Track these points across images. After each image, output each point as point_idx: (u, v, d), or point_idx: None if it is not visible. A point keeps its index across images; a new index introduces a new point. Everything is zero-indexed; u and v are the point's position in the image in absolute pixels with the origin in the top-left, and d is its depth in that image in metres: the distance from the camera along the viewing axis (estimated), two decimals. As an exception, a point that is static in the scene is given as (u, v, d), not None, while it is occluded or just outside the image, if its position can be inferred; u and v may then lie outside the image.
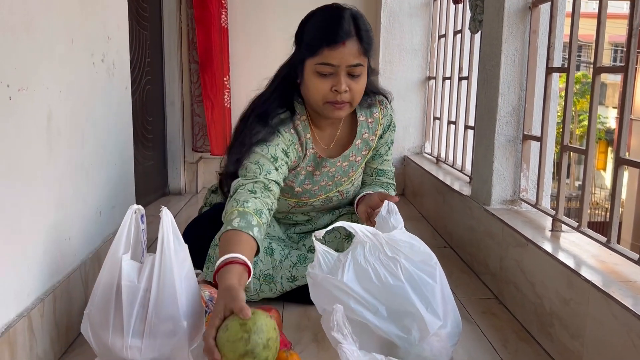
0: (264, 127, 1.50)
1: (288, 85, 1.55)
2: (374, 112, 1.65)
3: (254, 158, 1.47)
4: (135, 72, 2.53)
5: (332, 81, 1.44)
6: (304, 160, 1.59)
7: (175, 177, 3.12)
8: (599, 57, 1.41)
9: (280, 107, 1.54)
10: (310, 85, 1.46)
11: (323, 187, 1.65)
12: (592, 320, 1.19)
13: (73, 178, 1.36)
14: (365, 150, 1.67)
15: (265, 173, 1.44)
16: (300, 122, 1.56)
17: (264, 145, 1.48)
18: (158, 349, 1.17)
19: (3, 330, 1.04)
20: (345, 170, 1.66)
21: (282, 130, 1.52)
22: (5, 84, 1.02)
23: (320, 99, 1.46)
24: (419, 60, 3.24)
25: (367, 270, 1.21)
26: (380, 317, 1.19)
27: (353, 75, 1.44)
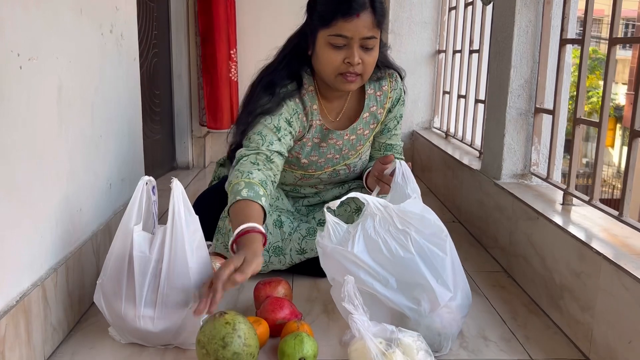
0: (270, 98, 1.49)
1: (297, 56, 1.53)
2: (383, 86, 1.63)
3: (257, 128, 1.47)
4: (143, 45, 2.51)
5: (345, 53, 1.42)
6: (309, 131, 1.58)
7: (183, 151, 3.12)
8: (615, 28, 1.38)
9: (287, 78, 1.53)
10: (322, 57, 1.45)
11: (330, 160, 1.65)
12: (603, 293, 1.19)
13: (83, 150, 1.36)
14: (374, 124, 1.66)
15: (267, 144, 1.45)
16: (307, 92, 1.56)
17: (268, 115, 1.48)
18: (170, 318, 1.18)
19: (18, 299, 1.05)
20: (353, 143, 1.65)
21: (287, 100, 1.51)
22: (16, 53, 1.02)
23: (332, 71, 1.45)
24: (429, 33, 3.19)
25: (377, 242, 1.21)
26: (391, 289, 1.19)
27: (366, 47, 1.43)
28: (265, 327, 1.23)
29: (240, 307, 1.44)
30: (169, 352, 1.22)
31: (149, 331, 1.18)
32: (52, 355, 1.19)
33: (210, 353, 1.07)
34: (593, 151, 1.99)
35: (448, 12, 3.07)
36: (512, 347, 1.28)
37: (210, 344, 1.06)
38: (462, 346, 1.27)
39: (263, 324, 1.23)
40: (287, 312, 1.28)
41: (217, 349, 1.06)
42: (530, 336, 1.33)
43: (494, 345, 1.28)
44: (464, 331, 1.33)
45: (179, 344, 1.22)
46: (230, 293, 1.51)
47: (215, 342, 1.06)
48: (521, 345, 1.28)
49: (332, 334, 1.31)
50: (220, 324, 1.08)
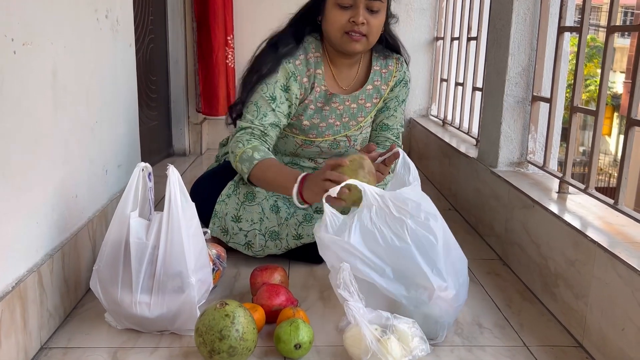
0: (272, 56, 1.58)
1: (307, 21, 1.62)
2: (389, 65, 1.71)
3: (254, 98, 1.57)
4: (139, 31, 2.49)
5: (350, 13, 1.50)
6: (311, 93, 1.63)
7: (180, 137, 3.11)
8: (613, 16, 1.37)
9: (292, 39, 1.61)
10: (330, 17, 1.53)
11: (331, 126, 1.67)
12: (597, 281, 1.19)
13: (79, 135, 1.35)
14: (376, 98, 1.70)
15: (261, 116, 1.55)
16: (313, 56, 1.62)
17: (264, 83, 1.57)
18: (166, 305, 1.19)
19: (14, 285, 1.05)
20: (354, 113, 1.69)
21: (285, 61, 1.58)
22: (10, 37, 1.01)
23: (338, 30, 1.53)
24: (427, 19, 3.18)
25: (374, 232, 1.21)
26: (387, 278, 1.19)
27: (372, 10, 1.51)
28: (261, 313, 1.23)
29: (237, 293, 1.45)
30: (164, 338, 1.22)
31: (145, 317, 1.19)
32: (48, 340, 1.19)
33: (207, 343, 1.07)
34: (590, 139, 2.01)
35: (446, -2, 3.05)
36: (506, 334, 1.29)
37: (208, 334, 1.07)
38: (457, 333, 1.28)
39: (259, 310, 1.23)
40: (283, 299, 1.28)
41: (214, 340, 1.06)
42: (524, 323, 1.34)
43: (488, 332, 1.29)
44: (459, 318, 1.34)
45: (175, 330, 1.23)
46: (227, 279, 1.51)
47: (212, 334, 1.07)
48: (515, 332, 1.29)
49: (328, 320, 1.31)
50: (219, 315, 1.08)
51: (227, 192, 1.61)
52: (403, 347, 1.09)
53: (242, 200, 1.60)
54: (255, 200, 1.60)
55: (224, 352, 1.07)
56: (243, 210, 1.59)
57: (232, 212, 1.59)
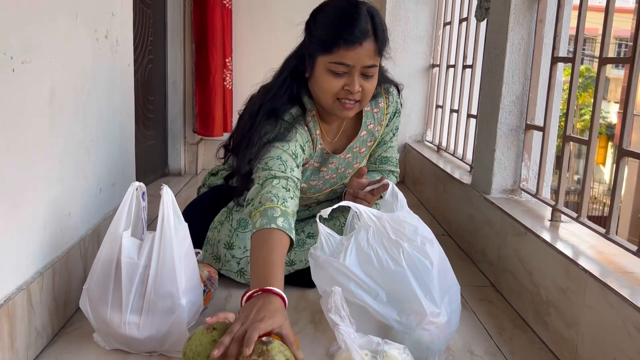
0: (275, 125, 1.42)
1: (296, 79, 1.48)
2: (379, 102, 1.60)
3: (275, 153, 1.38)
4: (138, 51, 2.51)
5: (345, 80, 1.38)
6: (312, 157, 1.55)
7: (176, 157, 3.11)
8: (605, 48, 1.40)
9: (289, 103, 1.47)
10: (322, 83, 1.40)
11: (328, 181, 1.63)
12: (589, 310, 1.19)
13: (74, 154, 1.35)
14: (371, 141, 1.64)
15: (290, 170, 1.36)
16: (311, 118, 1.51)
17: (284, 141, 1.40)
18: (156, 325, 1.18)
19: (2, 303, 1.04)
20: (349, 162, 1.62)
21: (297, 127, 1.45)
22: (9, 56, 1.02)
23: (330, 97, 1.41)
24: (423, 47, 3.22)
25: (370, 254, 1.21)
26: (380, 302, 1.19)
27: (366, 75, 1.39)
28: (251, 336, 1.22)
29: (227, 315, 1.43)
30: (153, 359, 1.21)
31: (134, 337, 1.18)
32: (35, 359, 1.18)
33: None
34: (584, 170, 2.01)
35: (443, 27, 3.10)
36: (497, 362, 1.28)
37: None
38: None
39: (249, 333, 1.22)
40: (273, 322, 1.27)
41: None
42: (515, 351, 1.33)
43: (479, 359, 1.29)
44: (450, 345, 1.33)
45: (164, 352, 1.22)
46: (218, 301, 1.50)
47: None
48: (507, 360, 1.29)
49: (319, 344, 1.30)
50: (207, 340, 1.06)
51: (220, 219, 1.60)
52: (393, 373, 1.08)
53: (235, 227, 1.59)
54: (248, 227, 1.58)
55: None
56: (236, 238, 1.58)
57: (224, 239, 1.58)
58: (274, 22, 3.15)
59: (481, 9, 2.12)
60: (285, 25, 3.10)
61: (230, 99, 3.09)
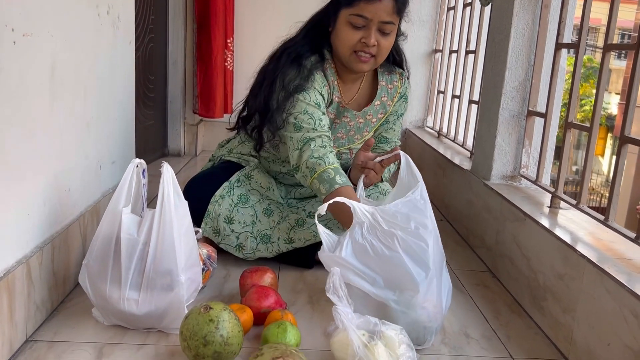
0: (297, 69, 1.54)
1: (319, 32, 1.59)
2: (394, 80, 1.71)
3: (301, 107, 1.51)
4: (139, 29, 2.49)
5: (362, 33, 1.49)
6: (329, 105, 1.63)
7: (175, 138, 3.10)
8: (610, 34, 1.39)
9: (311, 51, 1.58)
10: (341, 34, 1.51)
11: (337, 140, 1.68)
12: (585, 295, 1.20)
13: (75, 130, 1.35)
14: (382, 113, 1.71)
15: (318, 122, 1.50)
16: (329, 67, 1.61)
17: (304, 92, 1.52)
18: (155, 302, 1.18)
19: (2, 276, 1.04)
20: (360, 127, 1.69)
21: (315, 72, 1.55)
22: (10, 27, 1.01)
23: (348, 49, 1.51)
24: (426, 32, 3.20)
25: (365, 245, 1.22)
26: (378, 287, 1.20)
27: (383, 32, 1.49)
28: (249, 315, 1.23)
29: (226, 294, 1.44)
30: (151, 335, 1.21)
31: (133, 314, 1.18)
32: (34, 333, 1.18)
33: (192, 348, 1.07)
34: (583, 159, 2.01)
35: (447, 11, 3.08)
36: (493, 345, 1.29)
37: (192, 340, 1.06)
38: (444, 342, 1.28)
39: (247, 311, 1.23)
40: (272, 301, 1.28)
41: (198, 346, 1.06)
42: (511, 335, 1.34)
43: (475, 342, 1.29)
44: (446, 327, 1.34)
45: (162, 328, 1.22)
46: (216, 280, 1.51)
47: (196, 339, 1.06)
48: (502, 344, 1.30)
49: (315, 324, 1.31)
50: (204, 320, 1.07)
51: (221, 193, 1.61)
52: (390, 353, 1.09)
53: (235, 202, 1.60)
54: (248, 202, 1.60)
55: (209, 357, 1.07)
56: (236, 212, 1.59)
57: (225, 214, 1.59)
58: (277, 2, 3.13)
59: (486, -6, 2.10)
60: (288, 6, 3.08)
61: (231, 80, 3.07)
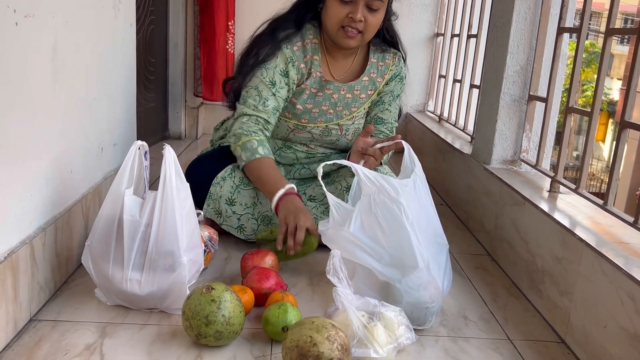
0: (271, 40, 1.60)
1: (308, 9, 1.64)
2: (386, 58, 1.73)
3: (254, 82, 1.60)
4: (140, 11, 2.48)
5: (350, 8, 1.52)
6: (308, 78, 1.66)
7: (176, 121, 3.10)
8: (613, 18, 1.39)
9: (292, 24, 1.63)
10: (329, 9, 1.55)
11: (324, 113, 1.69)
12: (583, 279, 1.21)
13: (76, 111, 1.35)
14: (371, 90, 1.72)
15: (263, 101, 1.58)
16: (310, 42, 1.64)
17: (264, 68, 1.60)
18: (157, 283, 1.19)
19: (6, 256, 1.05)
20: (348, 102, 1.70)
21: (284, 46, 1.60)
22: (12, 8, 1.01)
23: (335, 24, 1.55)
24: (428, 15, 3.18)
25: (373, 218, 1.23)
26: (384, 264, 1.22)
27: (371, 8, 1.52)
28: (250, 295, 1.24)
29: (227, 276, 1.46)
30: (153, 315, 1.23)
31: (136, 294, 1.20)
32: (37, 313, 1.20)
33: (194, 327, 1.08)
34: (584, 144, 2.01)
35: (448, -5, 3.06)
36: (491, 327, 1.31)
37: (194, 319, 1.08)
38: (443, 324, 1.30)
39: (248, 292, 1.24)
40: (272, 283, 1.29)
41: (200, 325, 1.08)
42: (509, 318, 1.36)
43: (473, 324, 1.31)
44: (445, 309, 1.36)
45: (164, 309, 1.24)
46: (218, 262, 1.52)
47: (199, 319, 1.08)
48: (500, 326, 1.31)
49: (316, 305, 1.33)
50: (205, 300, 1.09)
51: (223, 175, 1.62)
52: (389, 334, 1.11)
53: (237, 184, 1.61)
54: (250, 184, 1.61)
55: (211, 336, 1.08)
56: (237, 194, 1.60)
57: (226, 195, 1.60)
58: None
59: (488, -23, 2.09)
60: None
61: (232, 62, 3.06)
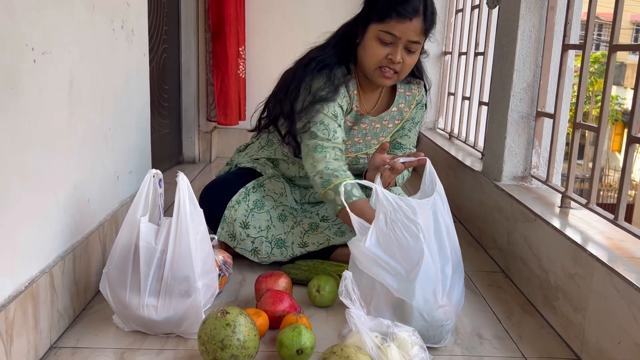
0: (326, 79, 1.59)
1: (348, 44, 1.64)
2: (412, 88, 1.76)
3: (319, 117, 1.57)
4: (153, 40, 2.55)
5: (389, 50, 1.54)
6: (349, 113, 1.69)
7: (190, 145, 3.15)
8: (615, 35, 1.40)
9: (339, 63, 1.63)
10: (369, 49, 1.56)
11: (355, 144, 1.73)
12: (595, 295, 1.21)
13: (92, 142, 1.39)
14: (398, 119, 1.76)
15: (332, 133, 1.58)
16: (351, 79, 1.66)
17: (325, 104, 1.58)
18: (173, 308, 1.22)
19: (27, 285, 1.08)
20: (377, 132, 1.74)
21: (341, 87, 1.61)
22: (30, 47, 1.05)
23: (373, 63, 1.56)
24: (435, 34, 3.21)
25: (389, 234, 1.24)
26: (400, 279, 1.23)
27: (409, 50, 1.55)
28: (265, 319, 1.26)
29: (242, 299, 1.48)
30: (170, 340, 1.25)
31: (152, 320, 1.22)
32: (57, 340, 1.23)
33: (210, 352, 1.10)
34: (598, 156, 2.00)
35: (455, 14, 3.09)
36: (505, 345, 1.31)
37: (210, 344, 1.10)
38: (457, 343, 1.30)
39: (263, 315, 1.26)
40: (286, 305, 1.31)
41: (216, 350, 1.10)
42: (524, 335, 1.36)
43: (488, 343, 1.31)
44: (459, 328, 1.36)
45: (180, 333, 1.26)
46: (232, 285, 1.54)
47: (214, 343, 1.09)
48: (515, 344, 1.31)
49: (330, 327, 1.34)
50: (220, 324, 1.11)
51: (237, 198, 1.65)
52: (403, 354, 1.11)
53: (251, 207, 1.64)
54: (263, 208, 1.64)
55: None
56: (251, 217, 1.63)
57: (240, 219, 1.63)
58: (285, 11, 3.16)
59: (493, -4, 2.12)
60: (296, 15, 3.12)
61: (243, 87, 3.12)
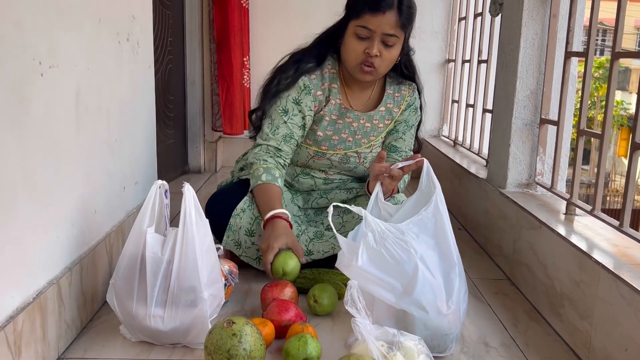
0: (292, 73, 1.68)
1: (329, 43, 1.70)
2: (402, 89, 1.78)
3: (270, 112, 1.69)
4: (158, 52, 2.57)
5: (366, 44, 1.57)
6: (327, 105, 1.71)
7: (195, 155, 3.17)
8: (618, 41, 1.41)
9: (313, 59, 1.70)
10: (348, 45, 1.61)
11: (343, 141, 1.74)
12: (601, 302, 1.21)
13: (99, 153, 1.40)
14: (388, 119, 1.77)
15: (274, 129, 1.67)
16: (328, 72, 1.71)
17: (279, 97, 1.68)
18: (179, 318, 1.22)
19: (35, 296, 1.09)
20: (367, 131, 1.76)
21: (302, 77, 1.67)
22: (38, 61, 1.07)
23: (353, 59, 1.61)
24: (439, 42, 3.23)
25: (380, 251, 1.24)
26: (397, 294, 1.22)
27: (386, 44, 1.57)
28: (271, 328, 1.26)
29: (248, 308, 1.48)
30: (177, 350, 1.26)
31: (159, 330, 1.23)
32: (65, 351, 1.23)
33: None
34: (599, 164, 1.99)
35: (458, 22, 3.11)
36: (512, 353, 1.30)
37: (217, 354, 1.10)
38: (463, 351, 1.30)
39: (269, 325, 1.26)
40: (292, 315, 1.31)
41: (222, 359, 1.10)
42: (530, 343, 1.35)
43: (494, 351, 1.31)
44: (465, 336, 1.36)
45: (187, 343, 1.26)
46: (238, 295, 1.55)
47: (220, 353, 1.10)
48: (521, 352, 1.31)
49: (336, 337, 1.34)
50: (227, 334, 1.11)
51: (242, 206, 1.66)
52: (409, 363, 1.11)
53: (256, 215, 1.65)
54: (268, 215, 1.65)
55: None
56: (257, 225, 1.64)
57: (245, 226, 1.64)
58: (289, 21, 3.19)
59: (495, 4, 2.13)
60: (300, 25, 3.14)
61: (248, 97, 3.14)
